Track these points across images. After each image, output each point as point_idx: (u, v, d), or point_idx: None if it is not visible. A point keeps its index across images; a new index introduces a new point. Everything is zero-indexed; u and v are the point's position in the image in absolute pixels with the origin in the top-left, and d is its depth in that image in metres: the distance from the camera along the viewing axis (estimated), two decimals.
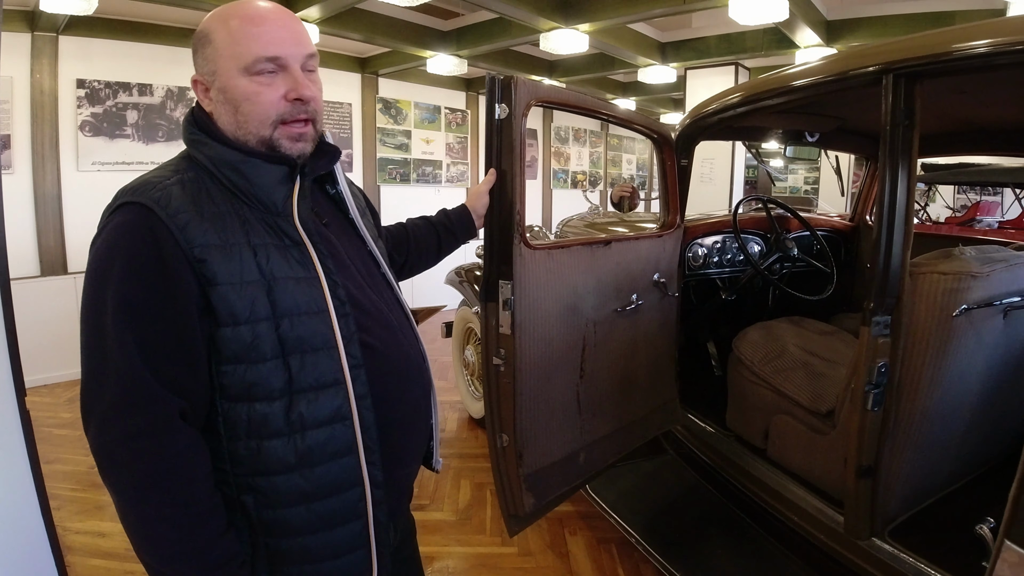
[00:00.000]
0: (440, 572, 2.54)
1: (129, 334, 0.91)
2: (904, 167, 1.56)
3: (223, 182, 1.01)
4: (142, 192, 0.96)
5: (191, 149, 1.05)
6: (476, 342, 4.01)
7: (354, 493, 1.06)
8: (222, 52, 1.02)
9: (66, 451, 3.64)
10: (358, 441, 1.05)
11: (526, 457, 1.92)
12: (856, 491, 1.74)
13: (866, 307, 1.62)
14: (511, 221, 1.74)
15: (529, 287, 1.83)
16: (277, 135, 1.03)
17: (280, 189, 1.04)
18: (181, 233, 0.93)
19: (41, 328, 4.46)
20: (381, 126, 7.34)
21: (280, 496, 1.00)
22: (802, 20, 4.65)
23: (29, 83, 4.85)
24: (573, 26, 4.98)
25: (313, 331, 1.01)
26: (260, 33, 1.01)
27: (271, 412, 0.98)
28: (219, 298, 0.94)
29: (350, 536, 1.06)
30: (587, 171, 10.39)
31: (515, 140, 1.71)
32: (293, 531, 1.02)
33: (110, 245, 0.95)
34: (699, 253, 2.91)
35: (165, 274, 0.92)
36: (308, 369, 1.00)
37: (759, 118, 2.46)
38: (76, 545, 2.67)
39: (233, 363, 0.97)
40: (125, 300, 0.92)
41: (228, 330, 0.95)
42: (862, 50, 1.69)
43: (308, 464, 1.01)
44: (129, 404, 0.91)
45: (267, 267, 0.99)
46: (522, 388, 1.86)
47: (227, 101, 1.03)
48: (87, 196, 5.17)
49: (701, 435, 2.60)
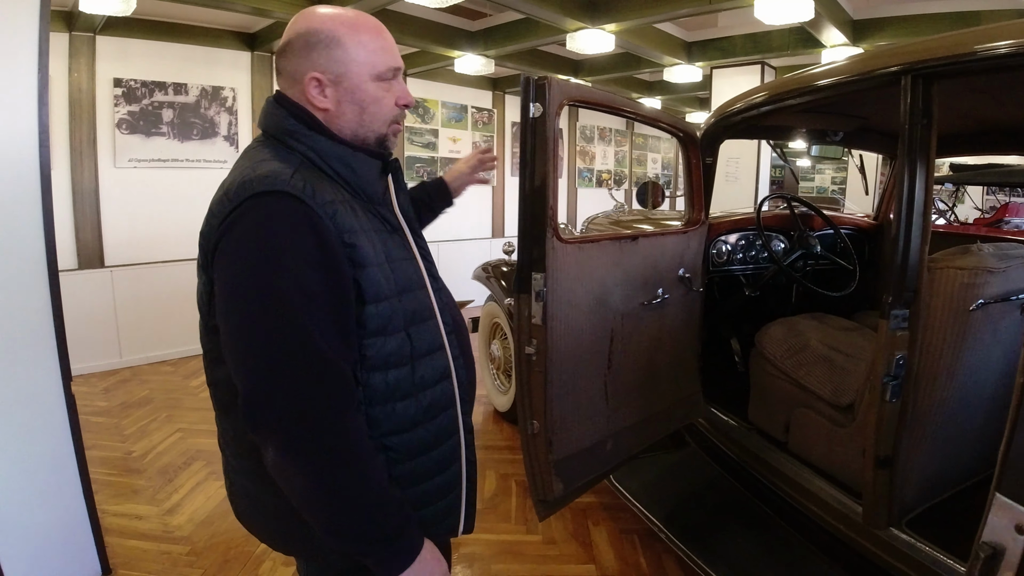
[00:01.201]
0: (466, 558, 2.61)
1: (310, 318, 0.97)
2: (922, 165, 1.60)
3: (329, 174, 1.09)
4: (283, 183, 0.99)
5: (290, 141, 1.10)
6: (502, 337, 4.08)
7: (455, 439, 1.23)
8: (355, 58, 1.11)
9: (102, 438, 3.78)
10: (455, 394, 1.22)
11: (555, 444, 1.99)
12: (874, 481, 1.78)
13: (885, 301, 1.66)
14: (544, 215, 1.80)
15: (561, 279, 1.90)
16: (388, 132, 1.18)
17: (379, 181, 1.19)
18: (332, 221, 1.01)
19: (79, 320, 4.58)
20: (409, 125, 7.44)
21: (408, 450, 1.13)
22: (828, 20, 4.65)
23: (67, 82, 5.00)
24: (599, 26, 5.01)
25: (422, 304, 1.16)
26: (388, 46, 1.15)
27: (402, 377, 1.11)
28: (367, 279, 1.05)
29: (451, 479, 1.22)
30: (612, 170, 10.42)
31: (548, 137, 1.78)
32: (417, 479, 1.15)
33: (272, 233, 0.98)
34: (723, 250, 2.95)
35: (334, 259, 1.00)
36: (423, 336, 1.15)
37: (782, 117, 2.50)
38: (113, 527, 2.78)
39: (375, 336, 1.07)
40: (301, 285, 0.97)
41: (372, 307, 1.06)
42: (881, 51, 1.73)
43: (429, 418, 1.16)
44: (323, 385, 0.98)
45: (385, 250, 1.11)
46: (553, 377, 1.93)
47: (354, 101, 1.13)
48: (124, 192, 5.34)
49: (723, 428, 2.65)
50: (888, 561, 1.79)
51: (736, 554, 2.18)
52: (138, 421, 4.09)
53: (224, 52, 5.82)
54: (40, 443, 2.29)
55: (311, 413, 0.97)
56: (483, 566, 2.58)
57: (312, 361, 0.97)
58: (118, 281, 5.23)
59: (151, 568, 2.52)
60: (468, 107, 8.06)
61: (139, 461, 3.51)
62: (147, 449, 3.65)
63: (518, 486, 3.26)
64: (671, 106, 9.85)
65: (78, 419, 2.40)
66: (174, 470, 3.39)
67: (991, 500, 0.75)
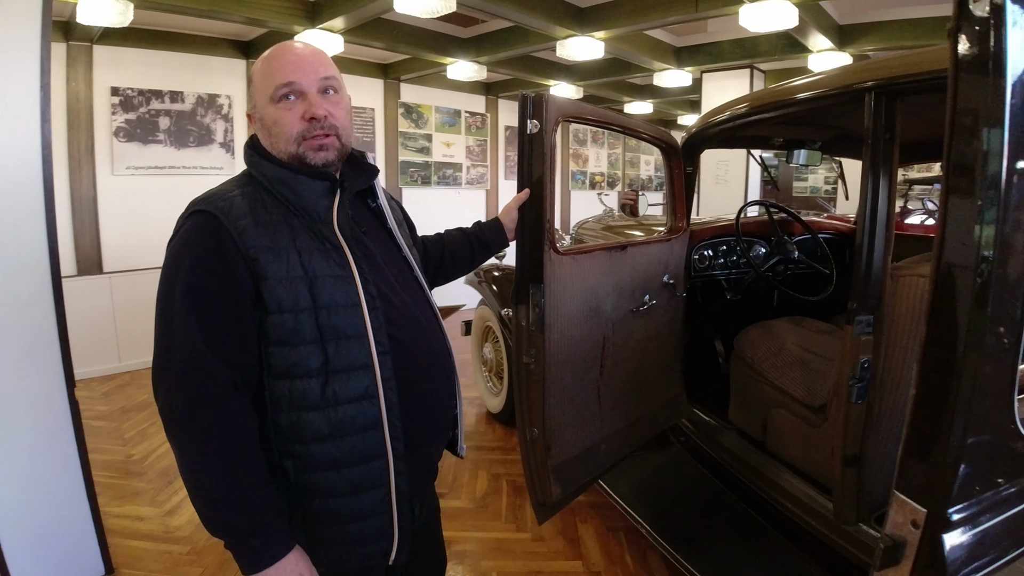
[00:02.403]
0: (458, 555, 2.69)
1: (193, 316, 1.09)
2: (885, 177, 1.68)
3: (276, 196, 1.20)
4: (210, 203, 1.15)
5: (251, 168, 1.25)
6: (494, 340, 4.16)
7: (379, 464, 1.21)
8: (257, 87, 1.23)
9: (103, 442, 3.87)
10: (383, 417, 1.20)
11: (553, 449, 2.04)
12: (843, 479, 1.87)
13: (850, 307, 1.75)
14: (541, 228, 1.86)
15: (557, 290, 1.95)
16: (302, 150, 1.21)
17: (322, 201, 1.23)
18: (239, 236, 1.12)
19: (78, 325, 4.62)
20: (403, 130, 7.53)
21: (315, 462, 1.17)
22: (813, 26, 4.74)
23: (65, 91, 5.08)
24: (588, 33, 5.10)
25: (347, 321, 1.17)
26: (279, 66, 1.21)
27: (309, 388, 1.15)
28: (268, 290, 1.12)
29: (374, 502, 1.22)
30: (605, 172, 10.50)
31: (545, 153, 1.83)
32: (325, 494, 1.19)
33: (183, 244, 1.14)
34: (705, 255, 3.03)
35: (225, 269, 1.11)
36: (342, 353, 1.17)
37: (760, 128, 2.58)
38: (116, 528, 2.86)
39: (278, 345, 1.14)
40: (191, 288, 1.10)
41: (275, 317, 1.13)
42: (847, 69, 1.83)
43: (340, 435, 1.18)
44: (191, 374, 1.09)
45: (310, 266, 1.16)
46: (550, 384, 1.99)
47: (263, 127, 1.24)
48: (121, 199, 5.43)
49: (705, 428, 2.74)
50: (857, 556, 1.87)
51: (717, 551, 2.26)
52: (138, 425, 4.17)
53: (219, 60, 5.90)
54: (45, 447, 2.37)
55: (175, 403, 1.10)
56: (473, 563, 2.66)
57: (182, 355, 1.09)
58: (116, 287, 5.30)
59: (152, 567, 2.60)
60: (462, 111, 8.14)
61: (139, 464, 3.58)
62: (147, 452, 3.73)
63: (508, 485, 3.34)
64: (663, 109, 9.94)
65: (82, 423, 2.48)
66: (174, 472, 3.45)
67: (891, 497, 0.84)
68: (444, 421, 1.44)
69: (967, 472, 0.78)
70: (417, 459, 1.30)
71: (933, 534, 0.78)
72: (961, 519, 0.79)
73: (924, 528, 0.78)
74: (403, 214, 1.54)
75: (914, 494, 0.79)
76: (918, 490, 0.79)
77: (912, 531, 0.80)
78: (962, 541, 0.79)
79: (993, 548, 0.82)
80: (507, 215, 1.85)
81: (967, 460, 0.77)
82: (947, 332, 0.77)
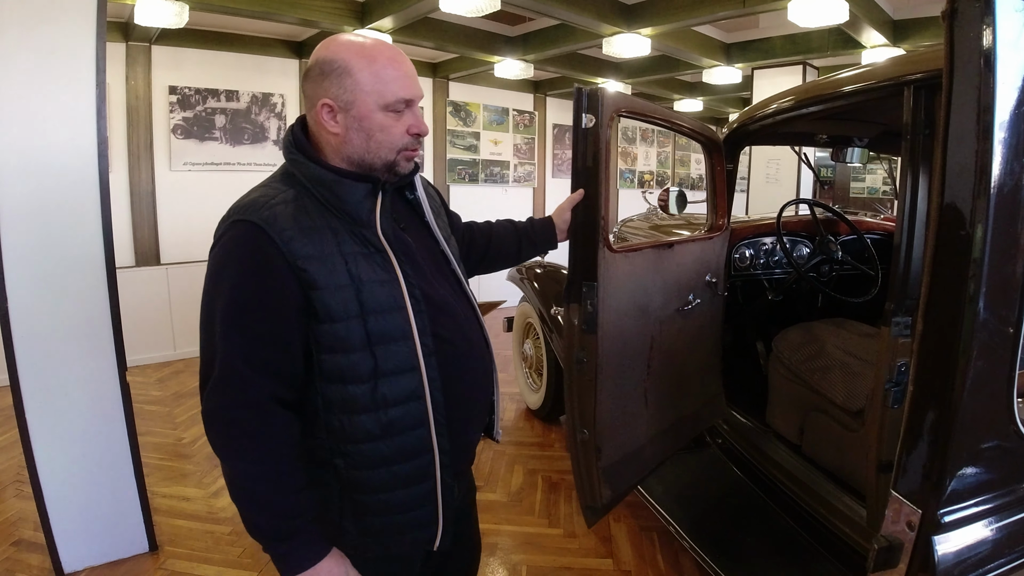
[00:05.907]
0: (490, 547, 2.71)
1: (235, 332, 1.11)
2: (924, 175, 1.63)
3: (317, 198, 1.19)
4: (253, 212, 1.13)
5: (291, 167, 1.23)
6: (535, 337, 4.17)
7: (426, 458, 1.24)
8: (364, 87, 1.17)
9: (156, 425, 4.03)
10: (429, 416, 1.23)
11: (604, 451, 2.00)
12: (877, 485, 1.82)
13: (887, 308, 1.70)
14: (596, 225, 1.82)
15: (610, 288, 1.92)
16: (398, 159, 1.23)
17: (364, 204, 1.22)
18: (286, 246, 1.11)
19: (135, 314, 4.86)
20: (451, 128, 7.60)
21: (366, 460, 1.20)
22: (866, 21, 4.61)
23: (125, 89, 5.31)
24: (635, 30, 5.06)
25: (394, 325, 1.18)
26: (399, 77, 1.19)
27: (360, 392, 1.17)
28: (318, 300, 1.13)
29: (422, 494, 1.26)
30: (654, 171, 10.40)
31: (600, 148, 1.79)
32: (375, 489, 1.22)
33: (225, 254, 1.14)
34: (746, 255, 2.98)
35: (269, 281, 1.12)
36: (390, 357, 1.18)
37: (802, 124, 2.52)
38: (162, 507, 2.98)
39: (330, 352, 1.16)
40: (233, 302, 1.11)
41: (326, 326, 1.14)
42: (888, 62, 1.77)
43: (390, 435, 1.20)
44: (230, 387, 1.12)
45: (356, 272, 1.16)
46: (601, 385, 1.94)
47: (362, 129, 1.20)
48: (179, 193, 5.64)
49: (742, 430, 2.69)
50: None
51: (750, 557, 2.23)
52: (189, 410, 4.32)
53: (273, 60, 6.06)
54: (96, 426, 2.50)
55: (215, 411, 1.13)
56: (504, 555, 2.68)
57: (222, 368, 1.11)
58: (173, 278, 5.49)
59: (195, 546, 2.70)
60: (510, 110, 8.17)
61: (189, 447, 3.72)
62: (196, 436, 3.86)
63: (544, 481, 3.35)
64: (713, 107, 9.78)
65: (131, 405, 2.59)
66: None
67: (889, 498, 0.81)
68: (483, 411, 1.46)
69: (965, 473, 0.75)
70: (458, 449, 1.32)
71: (927, 536, 0.76)
72: (955, 520, 0.77)
73: (919, 530, 0.76)
74: (441, 202, 1.53)
75: (909, 495, 0.77)
76: (913, 490, 0.77)
77: (907, 533, 0.78)
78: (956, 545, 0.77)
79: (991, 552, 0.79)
80: (560, 215, 1.83)
81: (965, 462, 0.75)
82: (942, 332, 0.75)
